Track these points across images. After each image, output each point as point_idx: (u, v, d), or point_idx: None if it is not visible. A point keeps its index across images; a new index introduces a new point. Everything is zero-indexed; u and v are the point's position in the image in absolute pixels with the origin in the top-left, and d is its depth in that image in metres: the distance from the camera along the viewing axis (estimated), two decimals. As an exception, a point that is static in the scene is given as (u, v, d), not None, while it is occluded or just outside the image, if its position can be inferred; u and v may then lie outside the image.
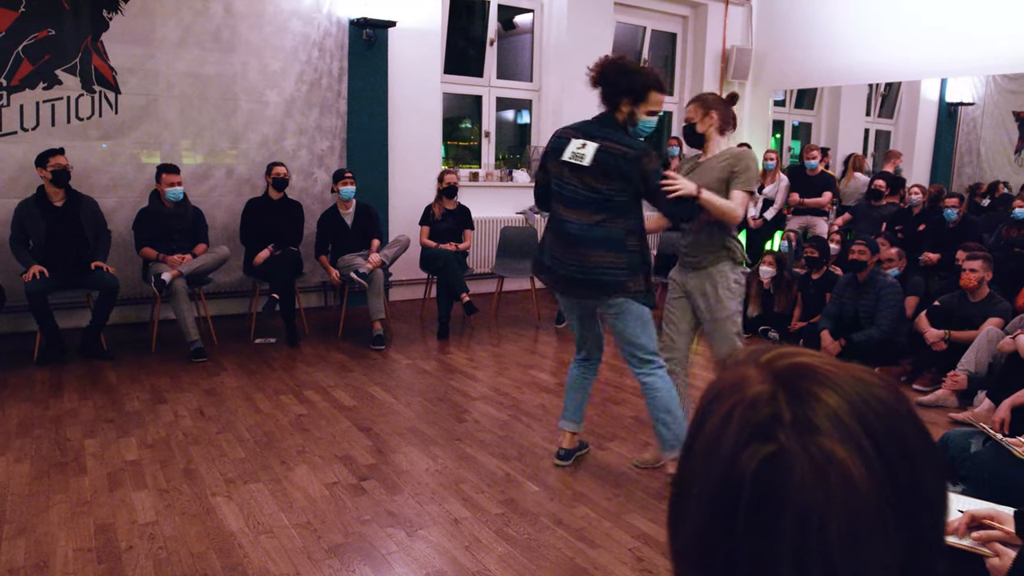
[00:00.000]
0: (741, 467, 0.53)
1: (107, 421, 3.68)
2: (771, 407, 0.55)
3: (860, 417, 0.54)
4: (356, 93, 6.20)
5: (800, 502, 0.51)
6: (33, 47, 4.98)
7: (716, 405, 0.58)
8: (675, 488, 0.61)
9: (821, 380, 0.56)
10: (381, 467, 3.20)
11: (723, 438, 0.55)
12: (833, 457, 0.52)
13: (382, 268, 5.27)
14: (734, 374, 0.59)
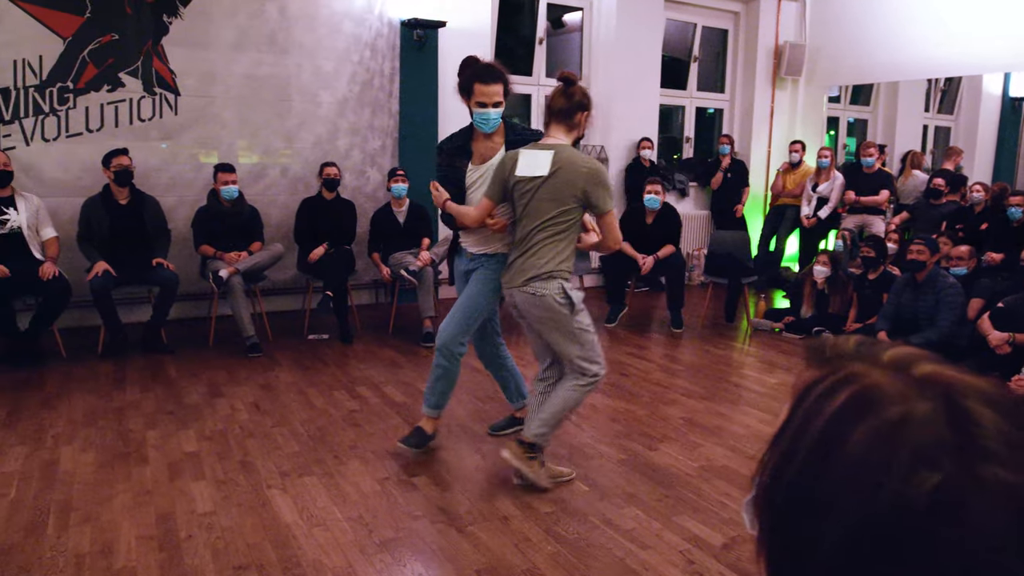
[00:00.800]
0: (906, 497, 0.47)
1: (167, 413, 3.79)
2: (932, 427, 0.48)
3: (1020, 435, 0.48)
4: (407, 93, 6.27)
5: (972, 536, 0.46)
6: (98, 51, 5.16)
7: (852, 416, 0.51)
8: (790, 508, 0.54)
9: (971, 393, 0.50)
10: (432, 463, 3.23)
11: (878, 462, 0.49)
12: (1006, 484, 0.46)
13: (432, 266, 5.32)
14: (864, 381, 0.53)
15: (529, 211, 2.87)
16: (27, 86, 4.96)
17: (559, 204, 2.82)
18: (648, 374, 4.65)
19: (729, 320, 6.07)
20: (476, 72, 3.07)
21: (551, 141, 2.90)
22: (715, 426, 3.75)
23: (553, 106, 2.91)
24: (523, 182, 2.87)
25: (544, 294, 2.84)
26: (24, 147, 4.98)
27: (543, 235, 2.85)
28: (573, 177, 2.79)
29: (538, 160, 2.83)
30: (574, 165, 2.81)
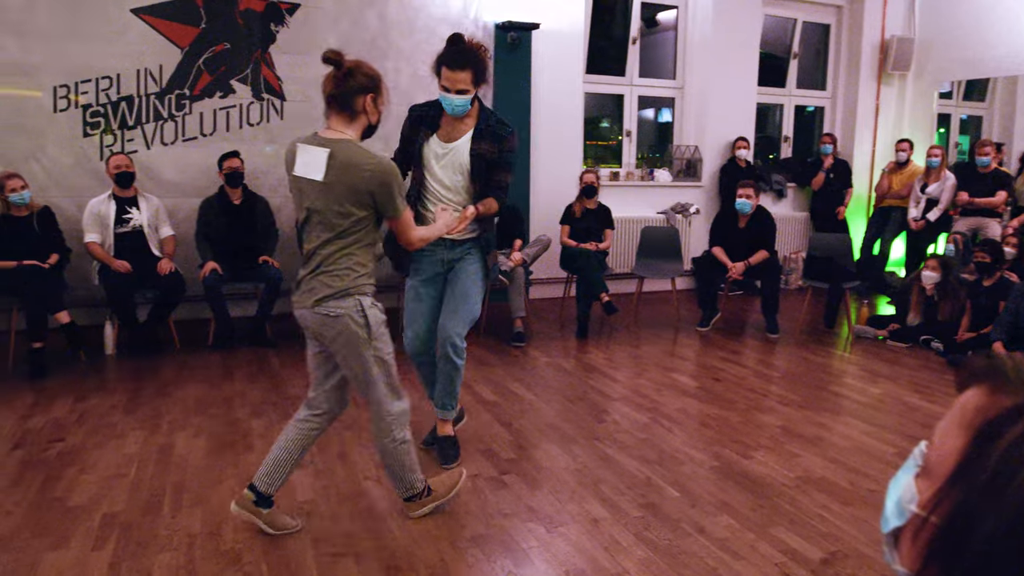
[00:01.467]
0: None
1: (271, 404, 3.98)
2: None
3: None
4: (500, 95, 6.34)
5: None
6: (211, 60, 5.45)
7: None
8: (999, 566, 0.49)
9: None
10: (521, 462, 3.26)
11: None
12: None
13: (523, 266, 5.36)
14: None
15: (313, 218, 2.43)
16: (148, 94, 5.30)
17: (345, 214, 2.38)
18: (742, 380, 4.54)
19: (829, 326, 5.85)
20: (445, 55, 2.91)
21: (330, 135, 2.42)
22: (814, 436, 3.63)
23: (324, 92, 2.46)
24: (302, 182, 2.43)
25: (339, 314, 2.42)
26: (145, 151, 5.33)
27: (333, 248, 2.42)
28: (355, 181, 2.34)
29: (315, 158, 2.37)
30: (355, 167, 2.34)
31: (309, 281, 2.47)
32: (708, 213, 7.23)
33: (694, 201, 7.32)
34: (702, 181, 7.44)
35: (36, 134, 5.08)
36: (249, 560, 2.45)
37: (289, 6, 5.62)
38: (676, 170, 7.45)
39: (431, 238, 2.73)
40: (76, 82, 5.14)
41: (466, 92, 2.94)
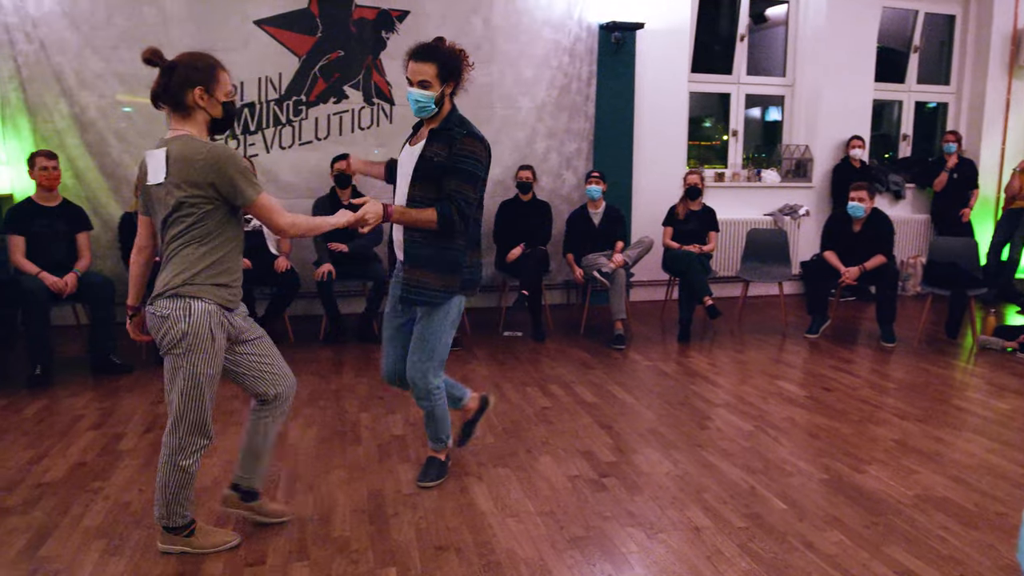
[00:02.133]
0: None
1: (378, 398, 4.12)
2: None
3: None
4: (604, 96, 6.32)
5: None
6: (326, 67, 5.70)
7: None
8: None
9: None
10: (621, 466, 3.25)
11: None
12: None
13: (624, 268, 5.32)
14: None
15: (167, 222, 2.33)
16: (268, 100, 5.60)
17: (190, 207, 2.28)
18: (854, 390, 4.34)
19: (951, 336, 5.51)
20: (412, 49, 2.82)
21: (168, 136, 2.34)
22: (933, 452, 3.43)
23: (152, 93, 2.34)
24: (151, 192, 2.34)
25: (165, 315, 2.31)
26: (264, 154, 5.64)
27: (176, 244, 2.32)
28: (190, 173, 2.25)
29: (157, 162, 2.29)
30: (187, 159, 2.25)
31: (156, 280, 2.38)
32: (818, 215, 6.95)
33: (804, 203, 7.06)
34: (812, 182, 7.16)
35: (168, 140, 5.46)
36: (356, 548, 2.55)
37: (399, 13, 5.80)
38: (785, 170, 7.21)
39: (317, 228, 2.57)
40: (204, 90, 5.49)
41: (428, 86, 2.75)
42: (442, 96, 2.81)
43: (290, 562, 2.46)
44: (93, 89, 5.32)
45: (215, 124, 2.41)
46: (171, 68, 2.32)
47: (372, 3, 5.73)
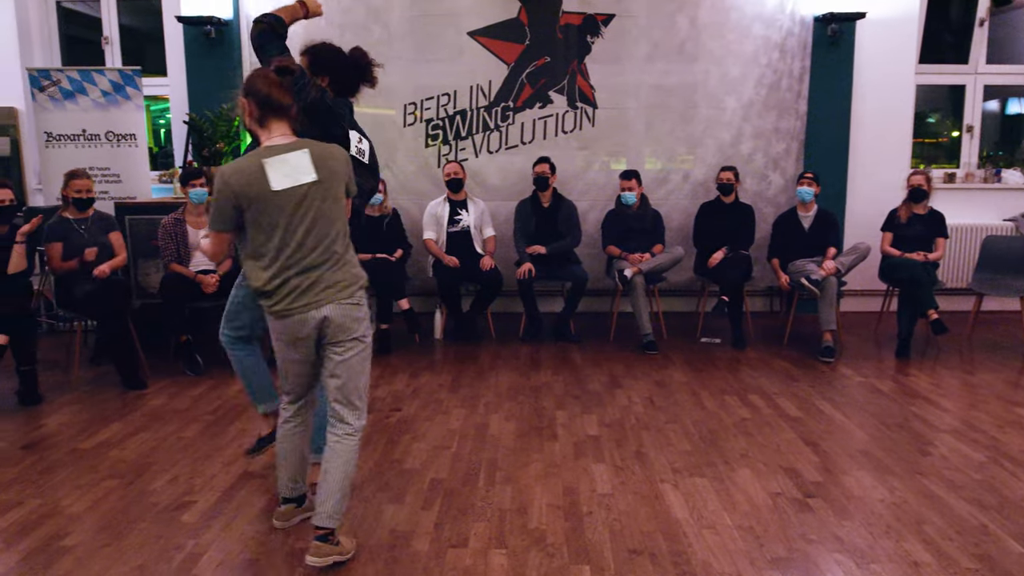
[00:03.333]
0: None
1: (574, 397, 4.21)
2: None
3: None
4: (817, 92, 5.97)
5: None
6: (533, 73, 5.89)
7: None
8: None
9: None
10: (829, 487, 3.07)
11: None
12: None
13: (836, 276, 5.00)
14: None
15: (302, 227, 2.33)
16: (478, 107, 5.91)
17: (337, 203, 2.41)
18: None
19: None
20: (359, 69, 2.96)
21: (280, 141, 2.36)
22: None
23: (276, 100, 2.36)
24: (281, 196, 2.31)
25: (362, 303, 2.48)
26: (474, 158, 5.95)
27: (342, 242, 2.42)
28: (341, 169, 2.42)
29: (293, 165, 2.32)
30: (332, 156, 2.40)
31: (329, 276, 2.39)
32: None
33: (1054, 207, 6.20)
34: (1067, 183, 6.28)
35: (389, 146, 5.93)
36: (552, 542, 2.63)
37: (605, 17, 5.85)
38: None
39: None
40: (421, 100, 5.91)
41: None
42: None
43: (490, 548, 2.59)
44: (327, 101, 5.89)
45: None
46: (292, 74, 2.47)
47: (578, 8, 5.84)
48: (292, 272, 2.35)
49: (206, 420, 3.87)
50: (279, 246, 2.34)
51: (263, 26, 2.84)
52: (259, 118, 2.38)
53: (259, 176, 2.29)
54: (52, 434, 3.69)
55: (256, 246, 2.37)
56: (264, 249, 2.35)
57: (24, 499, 2.96)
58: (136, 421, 3.86)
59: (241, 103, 2.40)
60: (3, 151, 6.16)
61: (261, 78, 2.38)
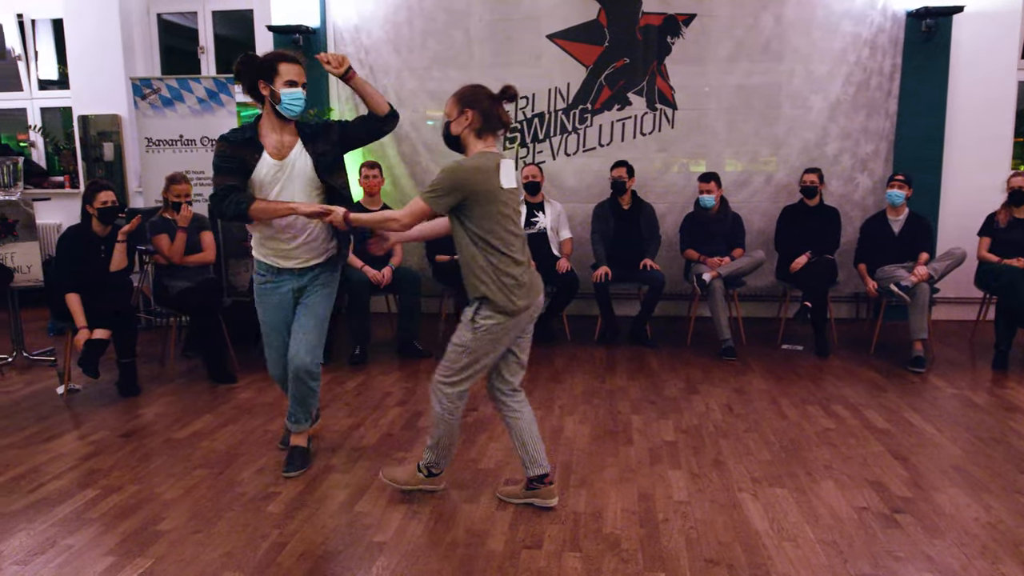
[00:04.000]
0: None
1: (649, 402, 4.17)
2: None
3: None
4: (909, 91, 5.74)
5: None
6: (611, 75, 5.87)
7: None
8: None
9: None
10: (918, 503, 2.94)
11: None
12: None
13: (928, 283, 4.78)
14: None
15: (518, 224, 2.77)
16: (556, 110, 5.92)
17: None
18: None
19: None
20: (277, 54, 2.96)
21: (495, 150, 2.74)
22: None
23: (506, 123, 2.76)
24: (509, 193, 2.72)
25: None
26: (551, 161, 5.97)
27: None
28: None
29: (509, 169, 2.70)
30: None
31: (534, 277, 2.81)
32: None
33: None
34: None
35: (468, 149, 6.01)
36: (626, 547, 2.62)
37: (686, 17, 5.78)
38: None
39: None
40: (500, 103, 5.96)
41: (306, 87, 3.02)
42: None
43: (564, 550, 2.59)
44: (408, 105, 6.03)
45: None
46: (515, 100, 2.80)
47: (659, 9, 5.78)
48: (526, 264, 2.76)
49: (290, 415, 4.02)
50: (522, 241, 2.77)
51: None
52: (479, 129, 2.70)
53: (494, 175, 2.65)
54: (149, 424, 3.90)
55: (504, 239, 2.69)
56: (514, 241, 2.72)
57: (123, 484, 3.14)
58: (226, 413, 4.04)
59: (466, 113, 2.69)
60: (108, 156, 6.54)
61: (487, 97, 2.71)
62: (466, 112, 2.69)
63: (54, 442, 3.64)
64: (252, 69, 2.93)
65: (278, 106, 2.93)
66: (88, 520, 2.83)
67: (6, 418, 3.99)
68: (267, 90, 2.92)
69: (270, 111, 2.98)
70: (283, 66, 2.90)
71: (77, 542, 2.67)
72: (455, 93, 2.75)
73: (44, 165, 7.26)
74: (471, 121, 2.69)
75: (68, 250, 4.29)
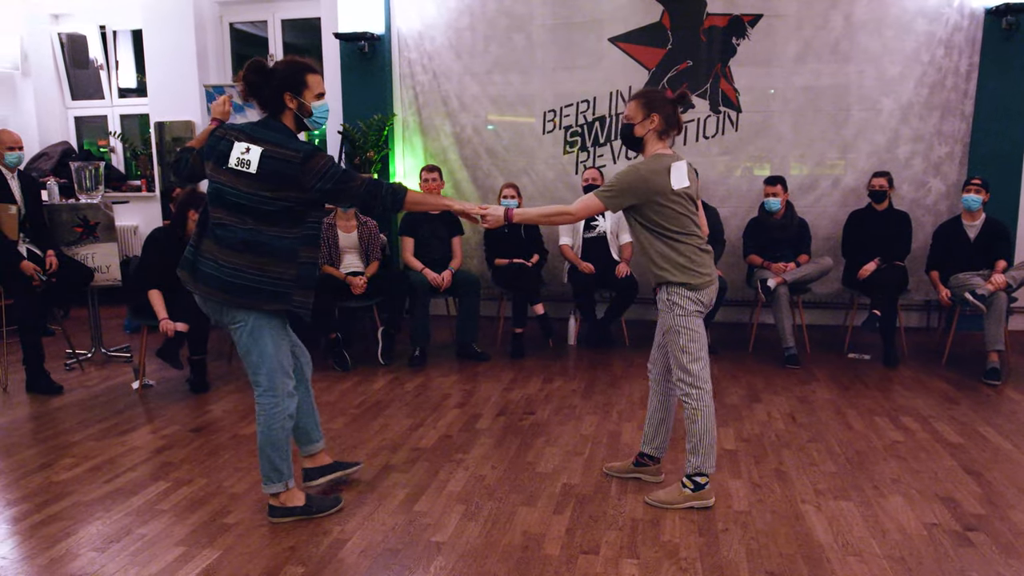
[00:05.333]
0: None
1: (710, 410, 4.10)
2: None
3: None
4: (987, 92, 5.51)
5: None
6: (675, 78, 5.81)
7: None
8: None
9: None
10: (993, 521, 2.82)
11: None
12: None
13: (1006, 291, 4.58)
14: None
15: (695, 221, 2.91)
16: (617, 113, 5.89)
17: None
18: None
19: None
20: (300, 64, 2.75)
21: (672, 152, 2.89)
22: None
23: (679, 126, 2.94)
24: (681, 193, 2.85)
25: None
26: (611, 164, 5.94)
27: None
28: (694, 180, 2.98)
29: (682, 171, 2.83)
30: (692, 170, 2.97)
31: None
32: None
33: None
34: None
35: (528, 153, 6.05)
36: (685, 556, 2.59)
37: (751, 18, 5.68)
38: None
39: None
40: (560, 107, 5.97)
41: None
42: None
43: (621, 557, 2.58)
44: (470, 111, 6.10)
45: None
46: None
47: (724, 10, 5.70)
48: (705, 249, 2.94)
49: (352, 414, 4.10)
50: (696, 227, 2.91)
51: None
52: (661, 132, 2.86)
53: (666, 177, 2.80)
54: (217, 419, 4.03)
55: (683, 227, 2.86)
56: (690, 228, 2.88)
57: (193, 477, 3.26)
58: (290, 411, 4.15)
59: (652, 116, 2.84)
60: (182, 161, 6.80)
61: (669, 102, 2.88)
62: (652, 116, 2.84)
63: (129, 435, 3.81)
64: (274, 79, 2.70)
65: (307, 119, 2.76)
66: (160, 511, 2.95)
67: (85, 411, 4.19)
68: (294, 102, 2.72)
69: (292, 123, 2.77)
70: (311, 77, 2.74)
71: (150, 531, 2.78)
72: (638, 96, 2.89)
73: (123, 170, 7.59)
74: (656, 124, 2.84)
75: (155, 250, 4.46)
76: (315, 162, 2.63)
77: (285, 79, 2.70)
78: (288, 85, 2.70)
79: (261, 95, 2.72)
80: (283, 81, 2.70)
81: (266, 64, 2.73)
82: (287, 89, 2.70)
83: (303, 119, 2.76)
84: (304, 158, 2.62)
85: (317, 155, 2.66)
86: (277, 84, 2.70)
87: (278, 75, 2.71)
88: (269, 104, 2.73)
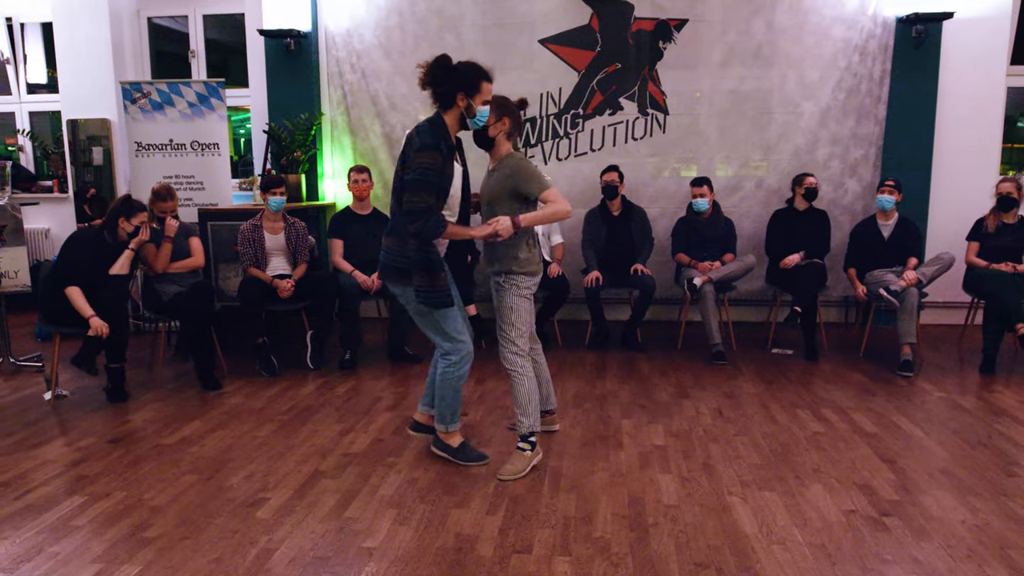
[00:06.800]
0: None
1: (640, 406, 4.17)
2: None
3: None
4: (898, 96, 5.78)
5: None
6: (603, 80, 5.88)
7: None
8: None
9: None
10: (906, 506, 2.95)
11: None
12: None
13: (917, 287, 4.81)
14: None
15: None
16: (548, 114, 5.93)
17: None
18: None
19: None
20: (482, 71, 3.00)
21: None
22: None
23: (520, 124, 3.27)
24: None
25: None
26: (543, 166, 5.97)
27: None
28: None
29: None
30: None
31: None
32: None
33: None
34: None
35: (459, 153, 6.01)
36: (616, 551, 2.62)
37: (677, 22, 5.80)
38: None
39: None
40: (491, 107, 5.96)
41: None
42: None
43: (554, 555, 2.59)
44: (400, 110, 6.04)
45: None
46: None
47: (651, 14, 5.80)
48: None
49: (280, 420, 4.00)
50: None
51: None
52: (509, 133, 3.14)
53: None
54: (137, 429, 3.88)
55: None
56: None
57: (111, 491, 3.13)
58: (215, 419, 4.02)
59: (503, 119, 3.10)
60: (97, 160, 6.52)
61: (515, 108, 3.15)
62: (503, 119, 3.10)
63: (41, 448, 3.62)
64: (455, 77, 2.93)
65: (470, 120, 3.01)
66: (75, 527, 2.81)
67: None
68: (464, 102, 2.96)
69: (455, 120, 3.02)
70: (486, 85, 2.99)
71: (64, 549, 2.65)
72: (491, 101, 3.04)
73: (33, 170, 7.23)
74: (506, 126, 3.12)
75: (78, 249, 4.25)
76: (421, 154, 2.91)
77: (464, 80, 2.94)
78: (464, 86, 2.94)
79: (438, 88, 2.95)
80: (461, 82, 2.94)
81: (451, 61, 2.95)
82: (462, 89, 2.94)
83: (467, 118, 3.01)
84: (418, 148, 2.92)
85: (427, 151, 2.91)
86: (455, 83, 2.93)
87: (459, 75, 2.94)
88: (442, 99, 2.98)
